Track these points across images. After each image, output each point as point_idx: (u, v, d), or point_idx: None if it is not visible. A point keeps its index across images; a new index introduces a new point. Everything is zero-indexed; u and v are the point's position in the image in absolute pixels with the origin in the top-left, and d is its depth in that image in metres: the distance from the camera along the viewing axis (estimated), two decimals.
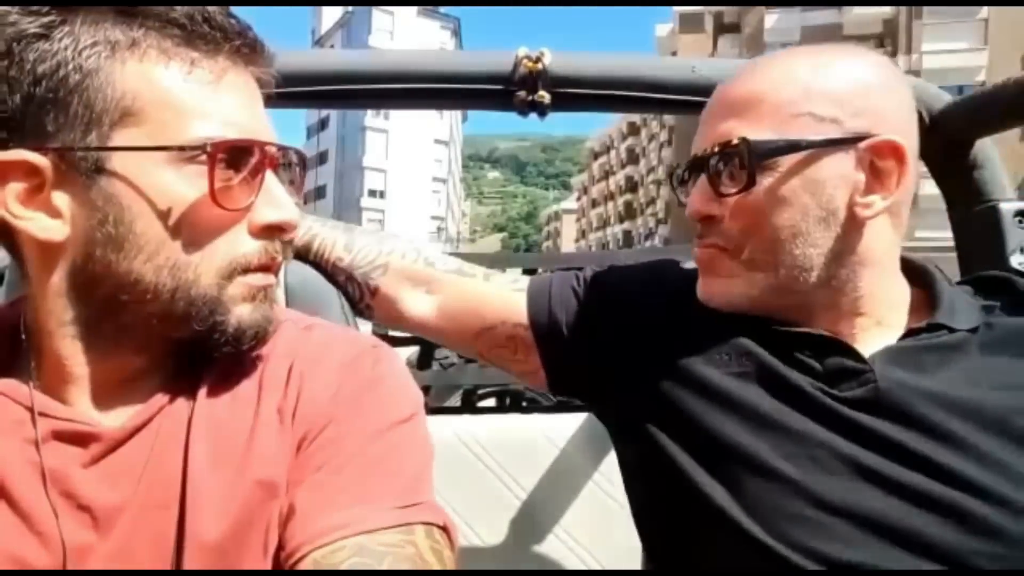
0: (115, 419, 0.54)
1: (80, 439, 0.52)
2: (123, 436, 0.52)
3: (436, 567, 0.50)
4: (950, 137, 0.99)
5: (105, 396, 0.54)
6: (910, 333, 0.68)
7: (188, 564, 0.50)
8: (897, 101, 0.68)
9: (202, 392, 0.55)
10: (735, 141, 0.67)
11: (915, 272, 0.75)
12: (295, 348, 0.60)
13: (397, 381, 0.61)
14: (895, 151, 0.66)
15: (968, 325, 0.68)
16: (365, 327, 1.12)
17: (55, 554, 0.49)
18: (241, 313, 0.54)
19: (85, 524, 0.50)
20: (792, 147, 0.65)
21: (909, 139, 0.67)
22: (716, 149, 0.68)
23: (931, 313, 0.69)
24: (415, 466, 0.56)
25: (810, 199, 0.66)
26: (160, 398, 0.55)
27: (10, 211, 0.49)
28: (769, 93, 0.67)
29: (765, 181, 0.66)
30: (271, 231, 0.55)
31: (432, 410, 1.23)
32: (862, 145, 0.66)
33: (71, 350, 0.53)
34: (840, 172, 0.66)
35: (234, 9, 0.53)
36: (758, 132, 0.66)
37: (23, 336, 0.55)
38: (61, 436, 0.52)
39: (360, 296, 0.88)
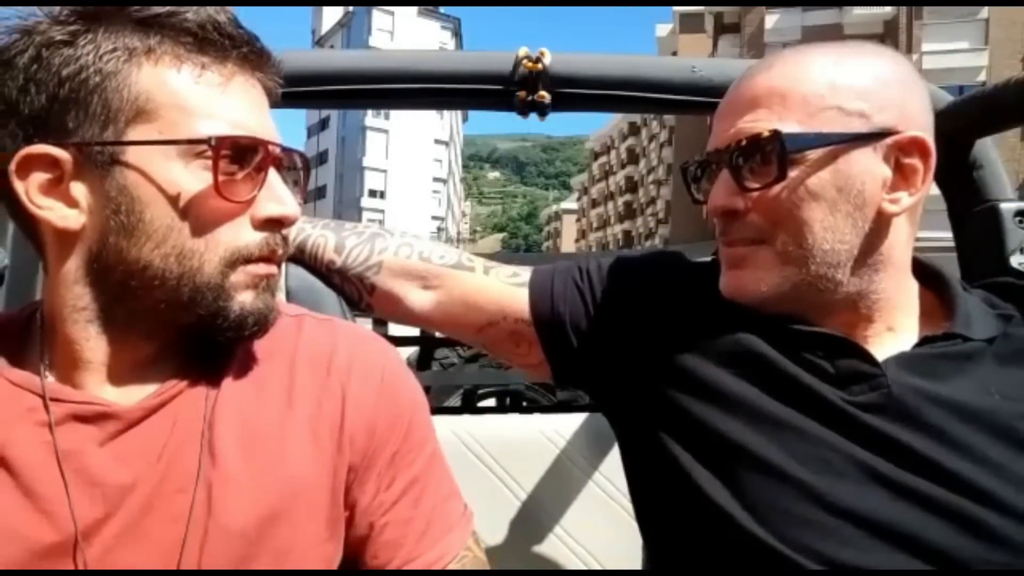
0: (130, 399, 0.56)
1: (95, 418, 0.54)
2: (139, 415, 0.55)
3: (484, 561, 0.64)
4: (950, 137, 0.99)
5: (118, 380, 0.57)
6: (925, 340, 0.67)
7: (208, 546, 0.53)
8: (919, 97, 0.68)
9: (225, 381, 0.58)
10: (765, 134, 0.65)
11: (927, 274, 0.74)
12: (320, 347, 0.63)
13: (419, 390, 0.69)
14: (921, 147, 0.66)
15: (985, 335, 0.67)
16: (364, 325, 1.12)
17: (65, 532, 0.51)
18: (244, 300, 0.57)
19: (96, 500, 0.52)
20: (822, 140, 0.64)
21: (930, 136, 0.67)
22: (743, 143, 0.67)
23: (946, 320, 0.69)
24: (449, 474, 0.68)
25: (838, 194, 0.65)
26: (176, 383, 0.57)
27: (32, 200, 0.53)
28: (795, 86, 0.66)
29: (794, 174, 0.65)
30: (272, 224, 0.58)
31: (432, 410, 1.23)
32: (889, 141, 0.65)
33: (84, 335, 0.55)
34: (868, 167, 0.65)
35: (234, 9, 0.57)
36: (785, 125, 0.65)
37: (39, 325, 0.58)
38: (77, 417, 0.54)
39: (359, 296, 0.87)
